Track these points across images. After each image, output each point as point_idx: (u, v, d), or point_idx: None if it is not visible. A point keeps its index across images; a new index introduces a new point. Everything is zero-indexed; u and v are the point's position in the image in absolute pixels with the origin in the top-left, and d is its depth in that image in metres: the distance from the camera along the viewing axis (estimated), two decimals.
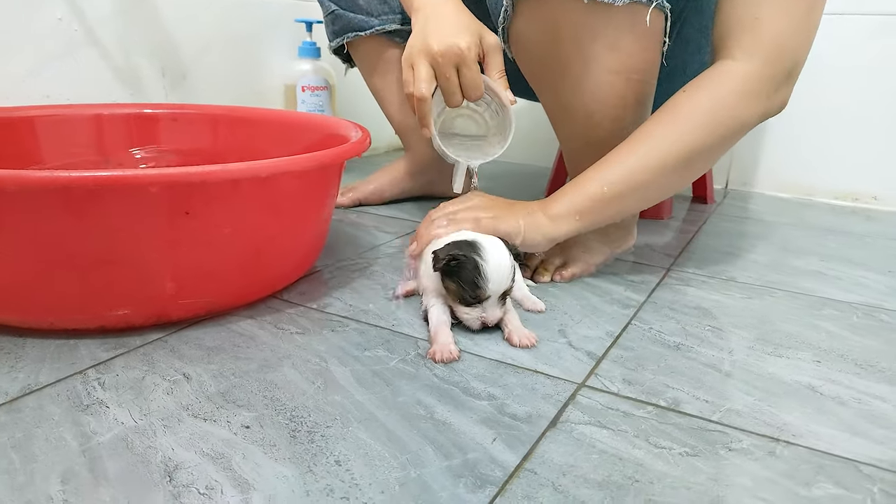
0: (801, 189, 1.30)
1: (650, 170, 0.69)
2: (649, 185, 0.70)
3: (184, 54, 1.10)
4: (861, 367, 0.58)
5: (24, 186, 0.47)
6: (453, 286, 0.61)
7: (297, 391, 0.51)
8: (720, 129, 0.68)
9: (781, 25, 0.66)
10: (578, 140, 0.78)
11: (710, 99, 0.68)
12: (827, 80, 1.22)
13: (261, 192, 0.58)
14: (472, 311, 0.61)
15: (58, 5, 0.90)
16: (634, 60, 0.70)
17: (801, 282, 0.80)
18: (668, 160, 0.68)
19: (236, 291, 0.63)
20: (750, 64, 0.67)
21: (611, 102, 0.72)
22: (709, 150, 0.69)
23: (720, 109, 0.68)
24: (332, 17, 1.02)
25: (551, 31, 0.69)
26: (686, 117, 0.68)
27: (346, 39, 1.02)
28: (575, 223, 0.71)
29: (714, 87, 0.68)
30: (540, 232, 0.71)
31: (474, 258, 0.59)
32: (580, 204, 0.71)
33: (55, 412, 0.47)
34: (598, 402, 0.51)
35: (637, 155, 0.69)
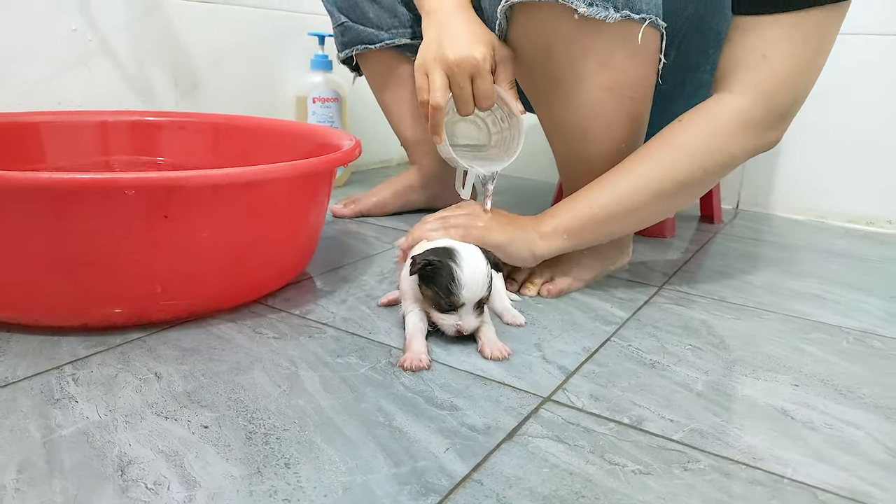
0: (814, 211, 1.27)
1: (640, 195, 0.70)
2: (638, 209, 0.71)
3: (197, 65, 1.13)
4: (840, 392, 0.57)
5: (6, 186, 0.49)
6: (429, 292, 0.61)
7: (262, 394, 0.52)
8: (711, 161, 0.69)
9: (787, 66, 0.66)
10: (572, 155, 0.78)
11: (704, 130, 0.69)
12: (844, 102, 1.20)
13: (239, 198, 0.59)
14: (447, 317, 0.61)
15: (72, 16, 0.94)
16: (627, 77, 0.70)
17: (795, 305, 0.78)
18: (658, 187, 0.70)
19: (217, 295, 0.64)
20: (748, 100, 0.68)
21: (603, 119, 0.72)
22: (699, 179, 0.70)
23: (713, 141, 0.69)
24: (341, 28, 1.04)
25: (543, 47, 0.69)
26: (679, 146, 0.70)
27: (355, 52, 1.04)
28: (563, 241, 0.72)
29: (709, 119, 0.69)
30: (527, 247, 0.72)
31: (450, 264, 0.59)
32: (569, 223, 0.72)
33: (25, 405, 0.49)
34: (560, 416, 0.51)
35: (628, 179, 0.71)
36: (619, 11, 0.64)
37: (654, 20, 0.66)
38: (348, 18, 1.02)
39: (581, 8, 0.63)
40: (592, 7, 0.63)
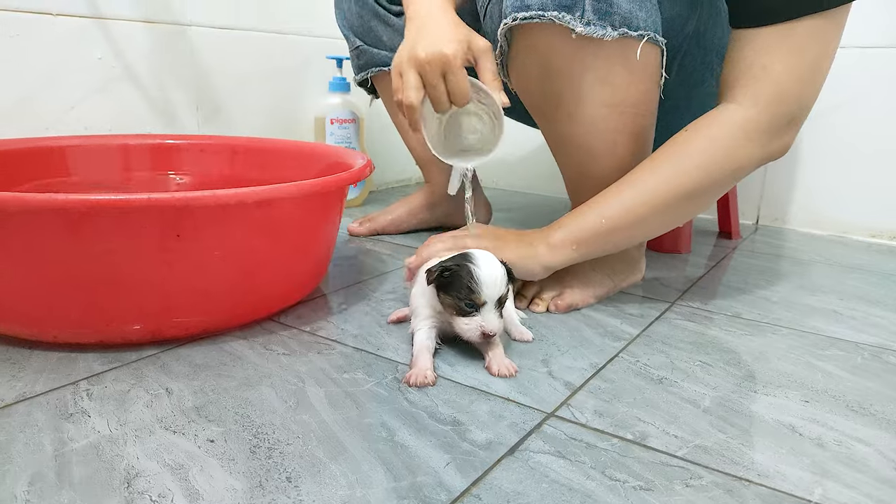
0: (835, 226, 1.25)
1: (646, 205, 0.70)
2: (645, 219, 0.71)
3: (218, 89, 1.16)
4: (852, 409, 0.56)
5: (24, 207, 0.51)
6: (449, 299, 0.61)
7: (269, 409, 0.53)
8: (716, 171, 0.69)
9: (789, 75, 0.66)
10: (576, 170, 0.78)
11: (709, 141, 0.69)
12: (865, 114, 1.18)
13: (250, 217, 0.61)
14: (471, 320, 0.60)
15: (98, 45, 0.97)
16: (628, 94, 0.70)
17: (811, 320, 0.77)
18: (664, 197, 0.70)
19: (229, 312, 0.66)
20: (752, 110, 0.68)
21: (607, 135, 0.73)
22: (705, 189, 0.70)
23: (718, 151, 0.69)
24: (357, 52, 1.06)
25: (544, 66, 0.70)
26: (684, 157, 0.70)
27: (369, 74, 1.06)
28: (572, 252, 0.73)
29: (714, 130, 0.69)
30: (537, 261, 0.73)
31: (467, 265, 0.60)
32: (578, 234, 0.72)
33: (40, 419, 0.50)
34: (563, 432, 0.51)
35: (635, 190, 0.71)
36: (617, 29, 0.65)
37: (652, 37, 0.67)
38: (363, 42, 1.05)
39: (578, 27, 0.64)
40: (590, 26, 0.64)
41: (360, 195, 1.37)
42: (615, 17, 0.64)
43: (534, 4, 0.65)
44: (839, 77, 1.17)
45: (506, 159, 1.62)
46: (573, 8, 0.64)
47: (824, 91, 0.69)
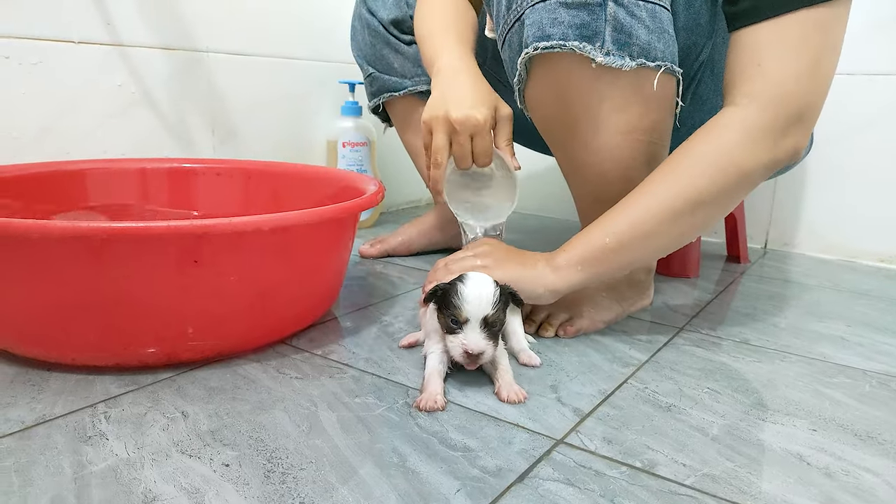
0: (844, 251, 1.25)
1: (653, 220, 0.68)
2: (653, 235, 0.69)
3: (233, 113, 1.18)
4: (860, 438, 0.56)
5: (46, 235, 0.53)
6: (442, 318, 0.63)
7: (282, 433, 0.54)
8: (720, 177, 0.67)
9: (785, 71, 0.65)
10: (589, 197, 0.80)
11: (710, 147, 0.68)
12: (874, 140, 1.19)
13: (265, 243, 0.62)
14: (454, 338, 0.61)
15: (118, 72, 1.00)
16: (643, 122, 0.72)
17: (819, 347, 0.77)
18: (670, 210, 0.68)
19: (244, 336, 0.67)
20: (751, 110, 0.66)
21: (620, 162, 0.74)
22: (712, 199, 0.68)
23: (720, 157, 0.67)
24: (370, 79, 1.09)
25: (562, 95, 0.72)
26: (686, 166, 0.68)
27: (382, 99, 1.09)
28: (578, 274, 0.71)
29: (714, 135, 0.68)
30: (542, 283, 0.72)
31: (456, 283, 0.62)
32: (583, 255, 0.71)
33: (60, 441, 0.51)
34: (572, 459, 0.52)
35: (639, 205, 0.69)
36: (635, 59, 0.66)
37: (669, 67, 0.68)
38: (375, 69, 1.07)
39: (598, 57, 0.66)
40: (609, 56, 0.66)
41: (370, 217, 1.38)
42: (634, 48, 0.66)
43: (555, 34, 0.66)
44: (848, 103, 1.19)
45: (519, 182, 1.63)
46: (594, 38, 0.66)
47: (833, 116, 0.69)
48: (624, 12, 0.65)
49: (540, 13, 0.67)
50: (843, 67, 1.15)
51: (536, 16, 0.67)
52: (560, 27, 0.66)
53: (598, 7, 0.65)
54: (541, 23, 0.67)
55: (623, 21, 0.65)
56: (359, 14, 1.08)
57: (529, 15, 0.68)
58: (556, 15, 0.66)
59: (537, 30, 0.67)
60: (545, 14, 0.67)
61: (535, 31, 0.68)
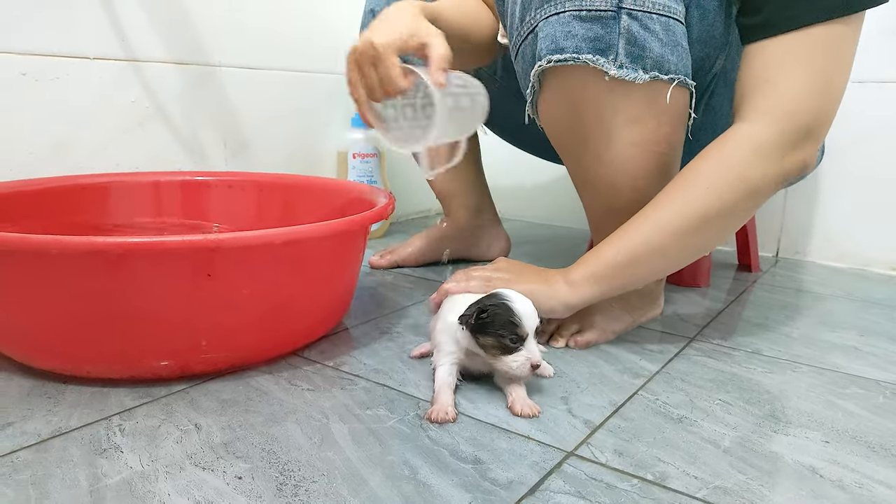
0: (856, 259, 1.25)
1: (664, 235, 0.69)
2: (665, 250, 0.70)
3: (244, 126, 1.20)
4: (873, 449, 0.56)
5: (64, 250, 0.54)
6: (490, 340, 0.62)
7: (294, 446, 0.54)
8: (729, 193, 0.68)
9: (794, 86, 0.66)
10: (601, 207, 0.80)
11: (719, 163, 0.69)
12: (886, 147, 1.18)
13: (277, 256, 0.63)
14: (517, 356, 0.61)
15: (132, 87, 1.02)
16: (655, 134, 0.72)
17: (831, 357, 0.77)
18: (681, 225, 0.69)
19: (256, 348, 0.68)
20: (759, 125, 0.67)
21: (632, 173, 0.74)
22: (722, 214, 0.68)
23: (729, 172, 0.68)
24: None
25: (575, 106, 0.72)
26: (696, 182, 0.69)
27: None
28: (592, 289, 0.72)
29: (723, 151, 0.69)
30: (557, 298, 0.73)
31: (503, 303, 0.61)
32: (597, 270, 0.72)
33: (76, 454, 0.52)
34: (583, 471, 0.52)
35: (651, 220, 0.70)
36: (649, 73, 0.67)
37: (682, 80, 0.69)
38: None
39: (612, 70, 0.66)
40: (622, 69, 0.66)
41: (381, 227, 1.39)
42: (647, 61, 0.66)
43: (569, 47, 0.67)
44: (859, 111, 1.18)
45: (527, 190, 1.64)
46: (607, 51, 0.66)
47: (844, 124, 0.69)
48: (637, 25, 0.66)
49: (554, 26, 0.67)
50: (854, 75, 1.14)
51: (550, 28, 0.68)
52: (573, 40, 0.67)
53: (611, 20, 0.65)
54: (554, 35, 0.67)
55: (636, 34, 0.66)
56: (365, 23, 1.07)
57: (543, 28, 0.68)
58: (570, 28, 0.67)
59: (551, 42, 0.68)
60: (559, 27, 0.67)
61: (549, 44, 0.68)
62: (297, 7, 1.26)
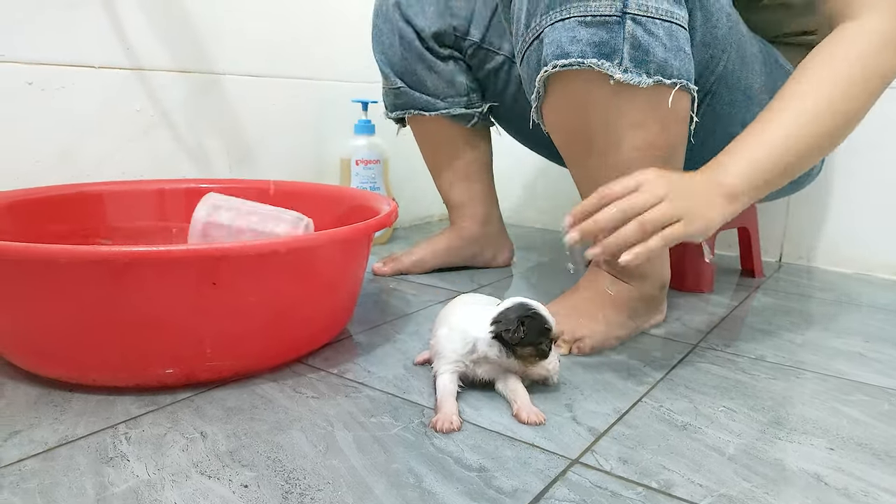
0: (860, 264, 1.25)
1: (808, 132, 0.68)
2: (808, 150, 0.69)
3: (248, 133, 1.20)
4: (878, 457, 0.56)
5: (72, 259, 0.54)
6: (529, 349, 0.63)
7: (300, 454, 0.54)
8: (864, 84, 0.68)
9: None
10: None
11: (849, 55, 0.69)
12: (890, 151, 1.18)
13: (282, 265, 0.63)
14: (551, 358, 0.65)
15: (137, 98, 1.02)
16: (659, 138, 0.72)
17: (835, 363, 0.77)
18: (826, 121, 0.68)
19: (260, 355, 0.68)
20: (875, 20, 0.68)
21: None
22: (857, 106, 0.69)
23: (864, 64, 0.68)
24: (396, 91, 1.07)
25: (579, 110, 0.72)
26: (829, 75, 0.69)
27: (407, 115, 1.08)
28: (752, 197, 0.68)
29: (848, 46, 0.69)
30: (721, 218, 0.66)
31: (535, 312, 0.63)
32: (757, 176, 0.67)
33: (82, 463, 0.52)
34: (588, 479, 0.52)
35: (792, 116, 0.68)
36: (652, 77, 0.67)
37: (685, 84, 0.69)
38: (404, 83, 1.05)
39: (616, 74, 0.66)
40: (627, 73, 0.67)
41: (384, 234, 1.39)
42: (651, 65, 0.67)
43: (573, 52, 0.67)
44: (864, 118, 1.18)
45: (528, 195, 1.64)
46: (612, 55, 0.67)
47: None
48: (641, 30, 0.66)
49: (559, 32, 0.68)
50: None
51: (556, 34, 0.68)
52: (578, 45, 0.67)
53: (616, 25, 0.66)
54: (560, 41, 0.68)
55: (641, 39, 0.66)
56: (388, 17, 1.03)
57: (549, 34, 0.69)
58: (575, 33, 0.67)
59: (556, 48, 0.68)
60: (564, 32, 0.68)
61: (554, 50, 0.68)
62: (300, 16, 1.27)
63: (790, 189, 1.05)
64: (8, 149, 0.90)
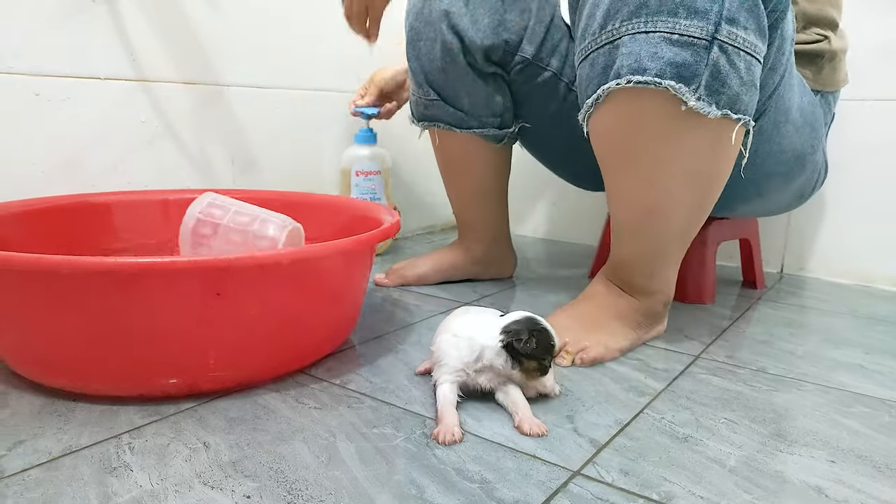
0: (860, 275, 1.25)
1: None
2: None
3: (251, 144, 1.21)
4: (879, 469, 0.56)
5: (75, 270, 0.55)
6: (534, 363, 0.64)
7: (302, 465, 0.55)
8: None
9: None
10: (629, 227, 0.80)
11: None
12: (890, 163, 1.19)
13: (285, 276, 0.64)
14: (550, 374, 0.66)
15: (142, 109, 1.03)
16: (708, 167, 0.72)
17: (836, 375, 0.77)
18: None
19: (263, 366, 0.68)
20: None
21: (675, 200, 0.74)
22: None
23: None
24: (429, 102, 1.01)
25: (635, 126, 0.70)
26: None
27: (435, 127, 1.04)
28: None
29: None
30: None
31: (544, 328, 0.64)
32: None
33: (86, 472, 0.53)
34: (589, 491, 0.52)
35: None
36: (721, 109, 0.66)
37: (747, 120, 0.69)
38: (440, 97, 1.00)
39: (690, 101, 0.65)
40: (700, 101, 0.65)
41: (383, 244, 1.40)
42: (723, 97, 0.66)
43: (652, 69, 0.65)
44: (862, 128, 1.19)
45: (529, 203, 1.65)
46: (691, 80, 0.65)
47: (847, 141, 0.70)
48: (725, 59, 0.65)
49: (640, 44, 0.65)
50: (854, 94, 1.16)
51: (636, 46, 0.65)
52: (659, 62, 0.65)
53: (703, 49, 0.64)
54: (639, 54, 0.65)
55: (722, 68, 0.65)
56: (433, 23, 0.93)
57: (628, 43, 0.66)
58: (657, 49, 0.65)
59: (634, 61, 0.65)
60: (646, 46, 0.65)
61: (632, 62, 0.65)
62: (303, 27, 1.28)
63: (795, 203, 1.05)
64: (15, 159, 0.91)
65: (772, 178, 0.91)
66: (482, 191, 1.10)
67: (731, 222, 1.13)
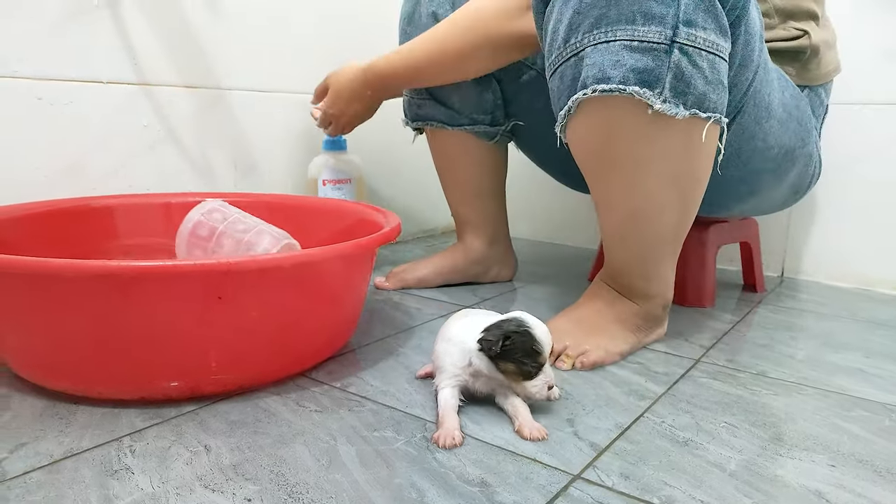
0: (861, 279, 1.25)
1: None
2: None
3: (253, 148, 1.21)
4: (880, 473, 0.56)
5: (78, 273, 0.55)
6: (512, 366, 0.62)
7: (303, 468, 0.55)
8: None
9: None
10: (617, 232, 0.80)
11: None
12: (889, 167, 1.19)
13: (286, 279, 0.64)
14: (537, 381, 0.63)
15: (144, 113, 1.04)
16: (685, 168, 0.73)
17: (836, 379, 0.77)
18: None
19: (264, 369, 0.68)
20: None
21: (657, 203, 0.75)
22: None
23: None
24: (420, 101, 1.07)
25: (609, 134, 0.71)
26: None
27: (429, 126, 1.08)
28: None
29: None
30: None
31: (525, 330, 0.62)
32: None
33: (87, 475, 0.53)
34: (589, 495, 0.52)
35: None
36: (689, 109, 0.67)
37: (718, 118, 0.69)
38: (431, 96, 1.05)
39: (656, 104, 0.66)
40: (666, 104, 0.66)
41: None
42: (689, 97, 0.67)
43: (615, 77, 0.66)
44: (862, 132, 1.19)
45: (526, 206, 1.65)
46: (654, 84, 0.66)
47: (846, 145, 0.70)
48: (686, 61, 0.65)
49: (602, 54, 0.67)
50: (853, 97, 1.17)
51: (599, 56, 0.67)
52: (621, 70, 0.66)
53: (663, 53, 0.65)
54: (602, 64, 0.67)
55: (685, 69, 0.66)
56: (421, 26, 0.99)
57: (590, 54, 0.67)
58: (619, 57, 0.66)
59: (598, 71, 0.67)
60: (608, 55, 0.66)
61: (595, 72, 0.67)
62: (304, 31, 1.28)
63: (792, 199, 1.05)
64: (17, 163, 0.91)
65: (762, 174, 0.91)
66: (478, 189, 1.12)
67: (730, 225, 1.13)
